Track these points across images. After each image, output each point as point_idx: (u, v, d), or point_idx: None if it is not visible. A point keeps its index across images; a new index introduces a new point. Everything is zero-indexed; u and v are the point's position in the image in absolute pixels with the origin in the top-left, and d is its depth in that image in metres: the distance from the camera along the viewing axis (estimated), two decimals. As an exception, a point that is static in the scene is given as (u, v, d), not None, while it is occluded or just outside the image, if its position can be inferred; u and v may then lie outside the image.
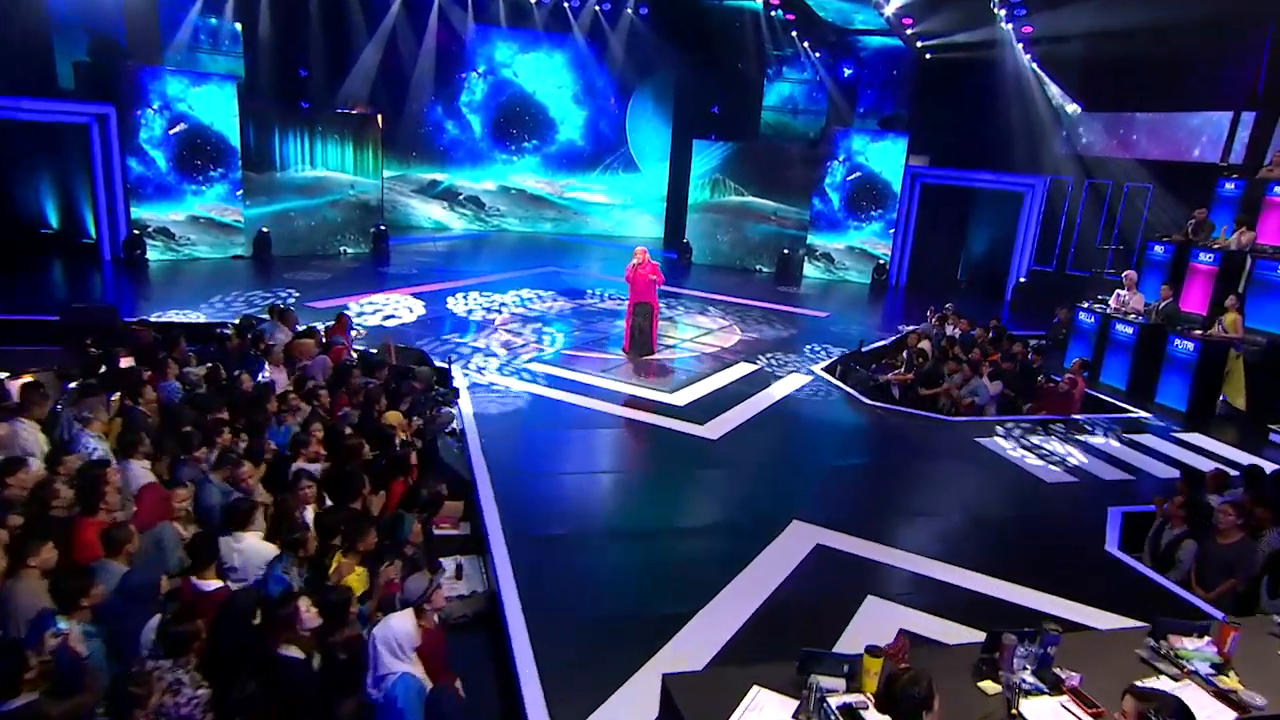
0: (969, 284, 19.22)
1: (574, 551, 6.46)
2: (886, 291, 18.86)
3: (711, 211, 20.36)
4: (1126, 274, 12.63)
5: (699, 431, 9.15)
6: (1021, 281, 18.22)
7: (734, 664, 4.85)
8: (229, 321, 10.65)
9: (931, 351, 11.86)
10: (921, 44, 19.24)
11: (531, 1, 21.14)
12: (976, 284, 19.03)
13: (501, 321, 13.36)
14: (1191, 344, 10.91)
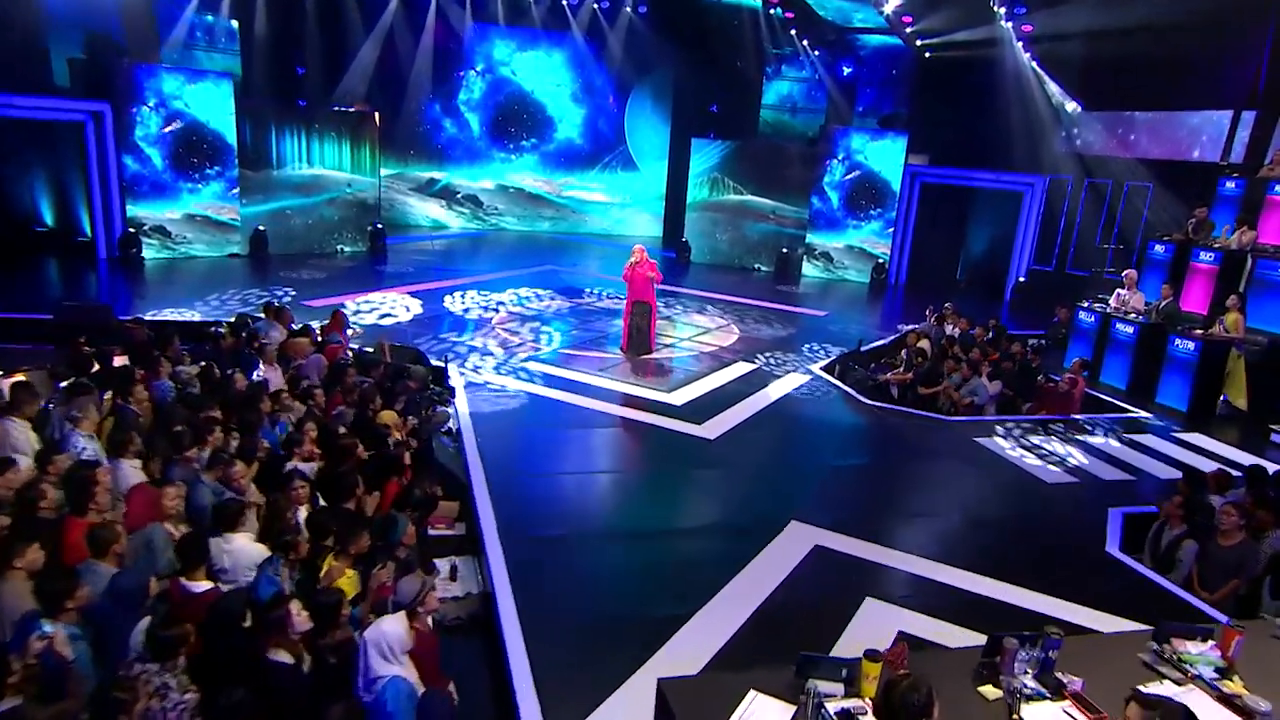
0: (968, 283, 19.17)
1: (570, 552, 6.40)
2: (885, 291, 18.82)
3: (710, 210, 20.30)
4: (1127, 273, 12.57)
5: (696, 431, 9.09)
6: (1021, 281, 18.18)
7: (731, 667, 4.80)
8: (223, 320, 10.58)
9: (931, 350, 11.81)
10: (921, 42, 19.19)
11: (530, -1, 21.11)
12: (976, 283, 18.98)
13: (499, 320, 13.30)
14: (1192, 343, 10.86)
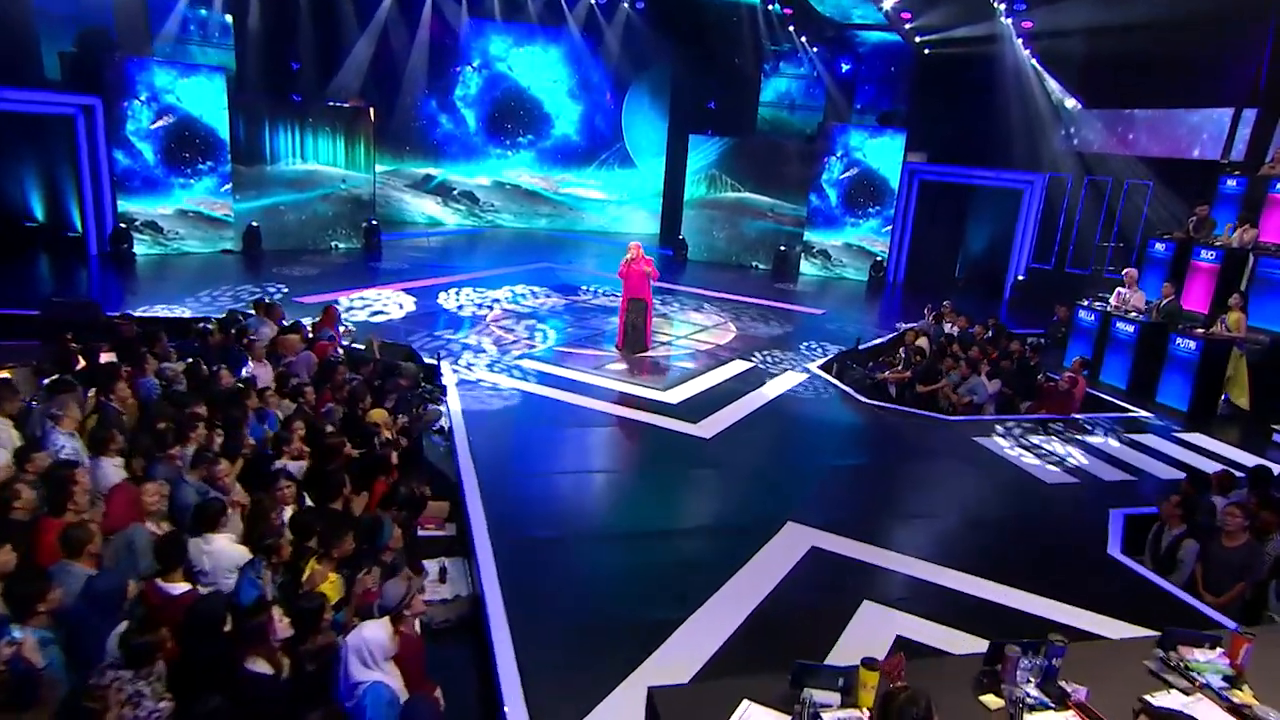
0: (967, 281, 19.07)
1: (561, 554, 6.28)
2: (884, 289, 18.71)
3: (708, 207, 20.16)
4: (1127, 271, 12.47)
5: (692, 430, 8.97)
6: (1020, 279, 18.08)
7: (724, 674, 4.69)
8: (211, 316, 10.44)
9: (929, 349, 11.70)
10: (920, 39, 19.05)
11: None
12: (974, 281, 18.87)
13: (493, 318, 13.16)
14: (1193, 343, 10.75)
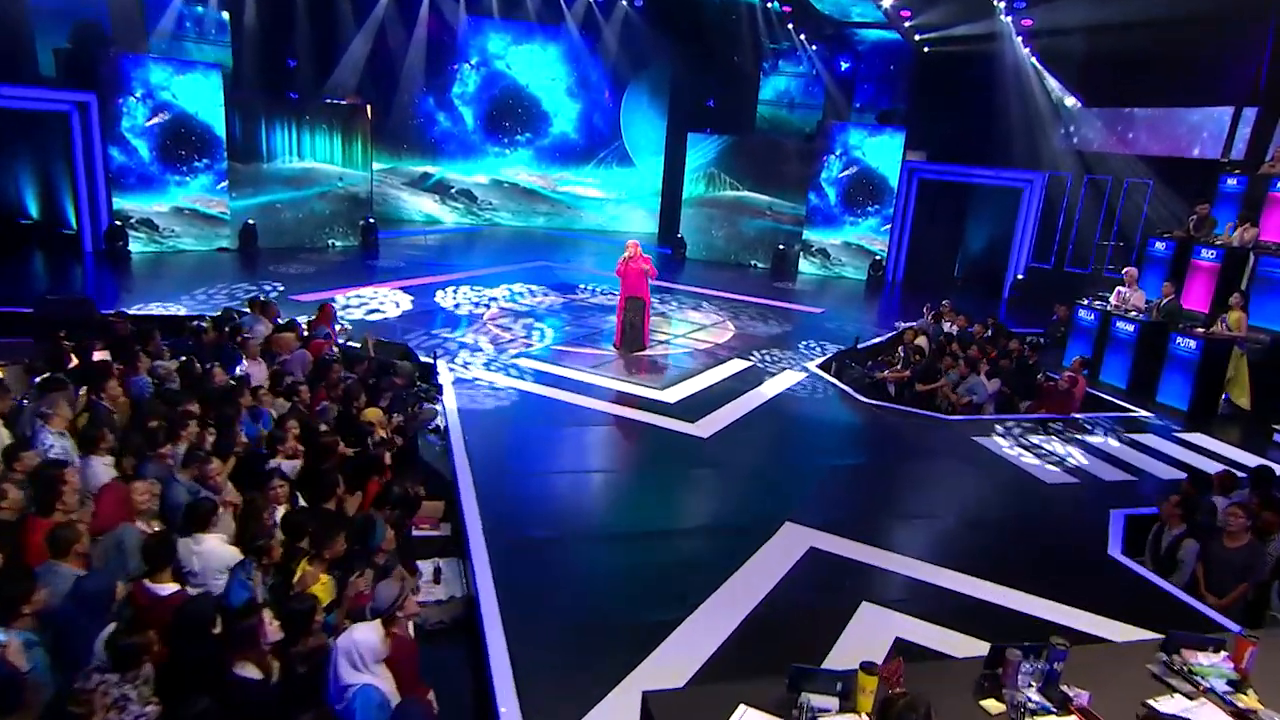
0: (966, 280, 19.03)
1: (557, 554, 6.22)
2: (883, 288, 18.65)
3: (706, 206, 20.10)
4: (1127, 270, 12.42)
5: (690, 430, 8.91)
6: (1019, 278, 18.03)
7: (721, 677, 4.63)
8: (206, 314, 10.37)
9: (928, 348, 11.65)
10: (919, 37, 18.98)
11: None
12: (974, 280, 18.83)
13: (490, 316, 13.09)
14: (1194, 342, 10.70)
